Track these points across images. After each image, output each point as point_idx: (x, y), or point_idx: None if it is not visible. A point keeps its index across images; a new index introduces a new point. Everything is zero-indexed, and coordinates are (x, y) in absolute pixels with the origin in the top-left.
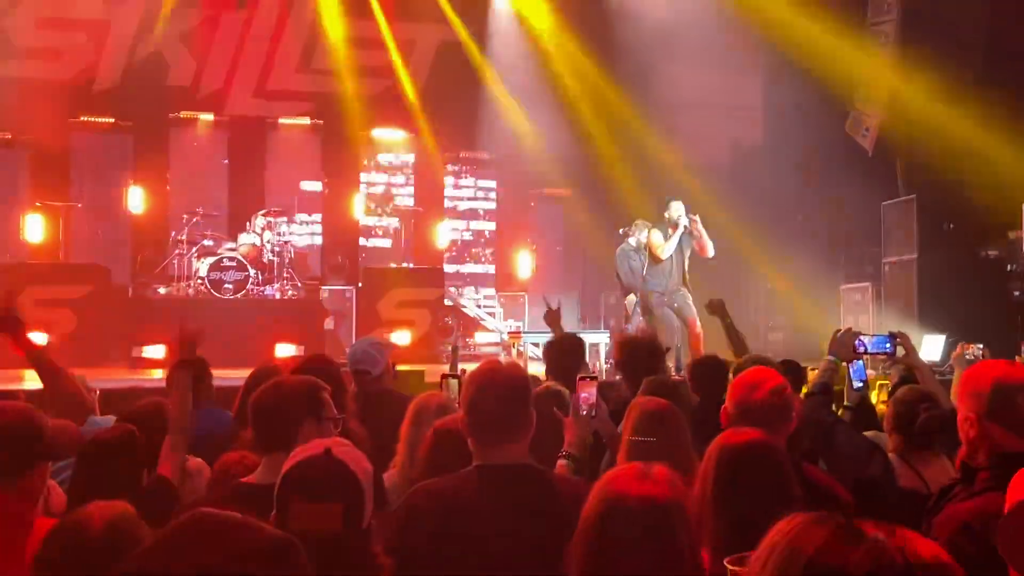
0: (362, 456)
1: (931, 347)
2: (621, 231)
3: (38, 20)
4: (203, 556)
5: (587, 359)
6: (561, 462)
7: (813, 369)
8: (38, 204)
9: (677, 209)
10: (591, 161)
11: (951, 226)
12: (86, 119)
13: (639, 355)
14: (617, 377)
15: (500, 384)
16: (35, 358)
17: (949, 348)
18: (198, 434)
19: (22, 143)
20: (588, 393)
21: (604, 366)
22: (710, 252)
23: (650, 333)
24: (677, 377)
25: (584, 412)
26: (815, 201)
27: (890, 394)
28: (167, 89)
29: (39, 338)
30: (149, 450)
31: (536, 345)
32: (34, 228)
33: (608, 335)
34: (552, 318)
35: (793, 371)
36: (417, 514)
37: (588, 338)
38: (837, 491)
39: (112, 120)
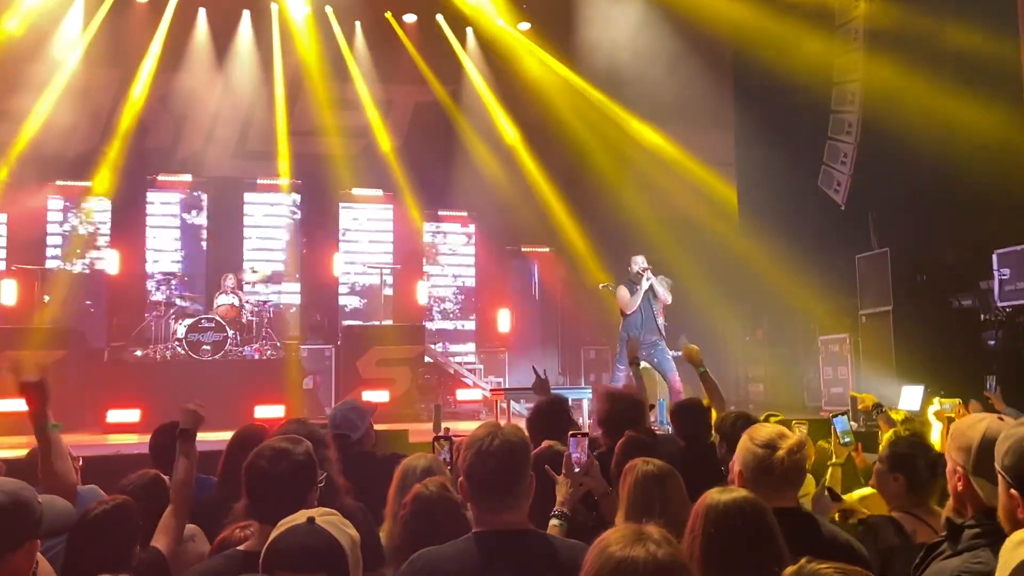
0: (347, 523)
1: (909, 397)
2: (601, 286)
3: (14, 85)
4: None
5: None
6: (553, 522)
7: (799, 422)
8: (13, 268)
9: (639, 263)
10: (567, 217)
11: (924, 277)
12: (62, 183)
13: (621, 409)
14: (597, 432)
15: (500, 449)
16: (42, 432)
17: (926, 399)
18: None
19: None
20: (579, 450)
21: (587, 422)
22: (666, 300)
23: (632, 387)
24: (660, 430)
25: (577, 470)
26: (790, 252)
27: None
28: (145, 151)
29: (19, 404)
30: (143, 521)
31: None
32: (8, 292)
33: (591, 391)
34: (541, 388)
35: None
36: None
37: (570, 394)
38: (856, 549)
39: (89, 184)
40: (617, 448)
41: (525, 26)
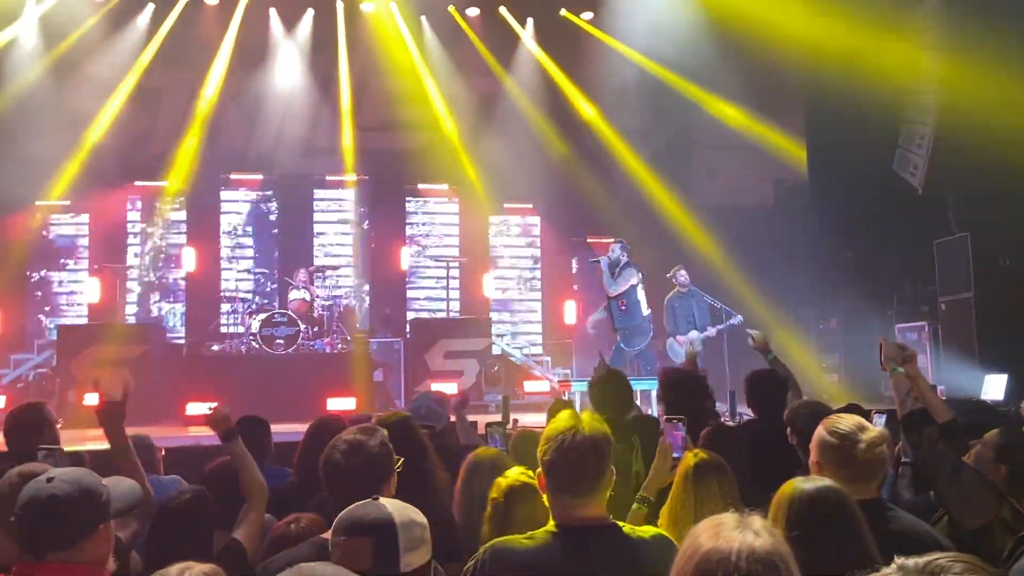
0: (415, 509)
1: (993, 386)
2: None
3: (89, 88)
4: None
5: (638, 404)
6: (635, 507)
7: (879, 412)
8: (96, 266)
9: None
10: (632, 207)
11: (1008, 262)
12: (140, 184)
13: (683, 389)
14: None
15: (583, 443)
16: (119, 452)
17: (1011, 387)
18: None
19: (82, 208)
20: (675, 435)
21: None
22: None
23: (693, 368)
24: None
25: (675, 455)
26: (864, 239)
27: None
28: (218, 151)
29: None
30: (221, 511)
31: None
32: (92, 290)
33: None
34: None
35: (858, 414)
36: (490, 573)
37: (638, 385)
38: (937, 539)
39: (165, 184)
40: (702, 438)
41: (588, 15)
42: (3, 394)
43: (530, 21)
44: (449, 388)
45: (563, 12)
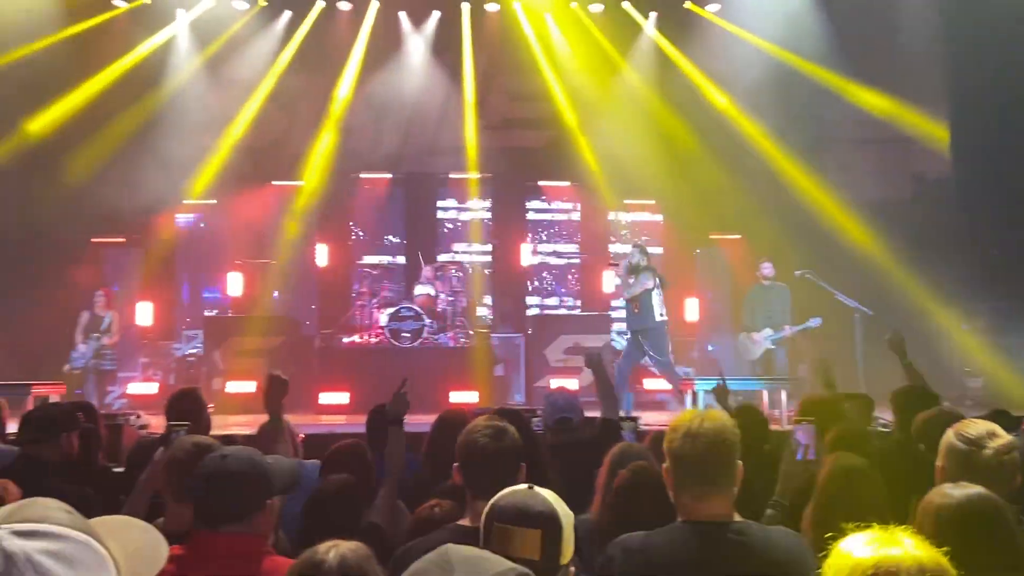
0: (561, 502)
1: None
2: (797, 274)
3: (237, 92)
4: None
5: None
6: (768, 511)
7: None
8: (238, 262)
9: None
10: (759, 203)
11: None
12: (277, 183)
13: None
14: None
15: (709, 431)
16: (273, 420)
17: None
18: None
19: (225, 207)
20: (806, 437)
21: (785, 413)
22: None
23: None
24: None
25: (800, 456)
26: (1012, 236)
27: None
28: (348, 151)
29: (247, 386)
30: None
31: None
32: (235, 284)
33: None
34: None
35: (1005, 420)
36: (620, 569)
37: (745, 386)
38: None
39: (301, 183)
40: (826, 441)
41: (714, 7)
42: (155, 381)
43: (652, 15)
44: (569, 383)
45: (688, 5)
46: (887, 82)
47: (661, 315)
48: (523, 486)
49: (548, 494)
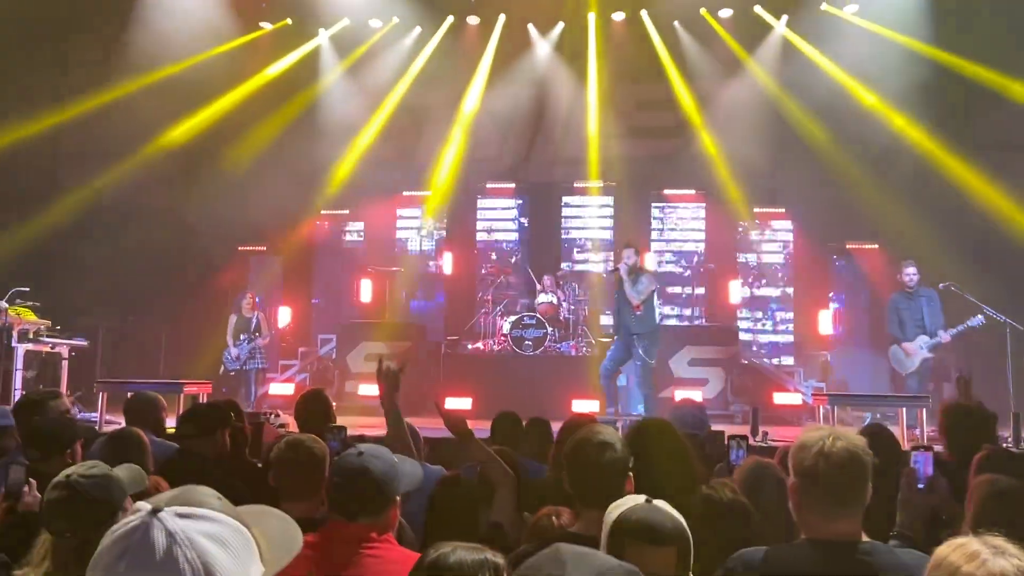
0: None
1: None
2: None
3: (370, 105)
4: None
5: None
6: (891, 543)
7: None
8: (370, 269)
9: (625, 256)
10: (898, 210)
11: None
12: (407, 194)
13: (969, 423)
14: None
15: (844, 451)
16: (392, 417)
17: None
18: None
19: (359, 216)
20: (923, 466)
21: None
22: (631, 299)
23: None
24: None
25: (921, 486)
26: None
27: None
28: (475, 162)
29: (376, 389)
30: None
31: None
32: (366, 291)
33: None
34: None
35: None
36: None
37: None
38: None
39: (428, 193)
40: (973, 464)
41: (852, 8)
42: (291, 383)
43: (784, 18)
44: (694, 395)
45: (825, 7)
46: None
47: (661, 317)
48: (641, 498)
49: (669, 507)
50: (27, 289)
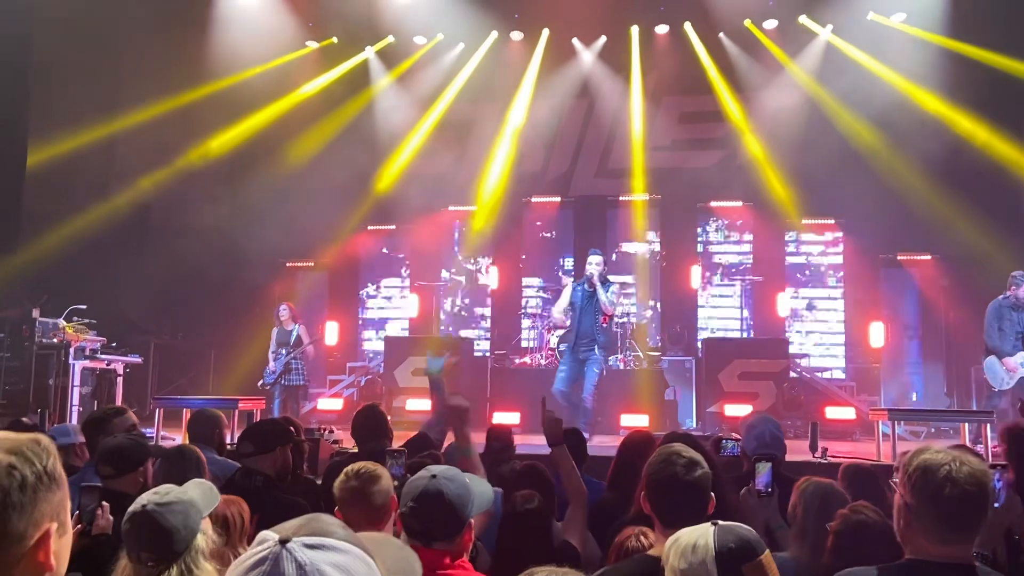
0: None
1: None
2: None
3: (412, 120)
4: None
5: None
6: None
7: None
8: (416, 284)
9: (591, 264)
10: (952, 221)
11: None
12: (453, 208)
13: None
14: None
15: (969, 477)
16: (464, 450)
17: None
18: None
19: (404, 231)
20: (999, 483)
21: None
22: (607, 309)
23: None
24: None
25: (997, 504)
26: None
27: None
28: (520, 176)
29: (424, 404)
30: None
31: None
32: (412, 305)
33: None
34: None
35: None
36: None
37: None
38: None
39: (474, 208)
40: None
41: (900, 16)
42: (339, 398)
43: (829, 26)
44: (743, 410)
45: (872, 16)
46: None
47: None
48: (707, 525)
49: (746, 529)
50: (84, 307)
